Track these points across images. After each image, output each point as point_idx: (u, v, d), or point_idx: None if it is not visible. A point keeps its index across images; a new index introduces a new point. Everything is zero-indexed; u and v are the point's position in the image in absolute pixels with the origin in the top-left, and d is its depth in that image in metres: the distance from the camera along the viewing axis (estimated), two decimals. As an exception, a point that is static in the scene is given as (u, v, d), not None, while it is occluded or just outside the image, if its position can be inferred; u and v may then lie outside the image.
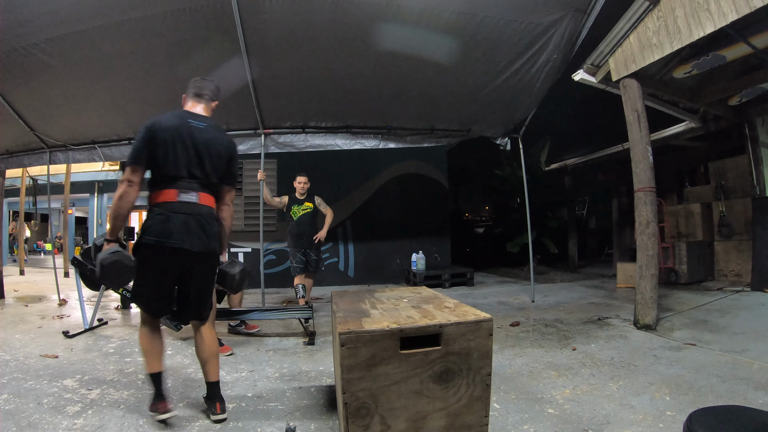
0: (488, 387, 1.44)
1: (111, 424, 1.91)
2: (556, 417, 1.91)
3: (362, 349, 1.34)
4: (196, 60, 3.71)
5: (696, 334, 3.14)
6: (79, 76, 3.91)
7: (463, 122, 4.93)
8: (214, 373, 1.98)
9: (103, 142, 4.78)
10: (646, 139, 3.54)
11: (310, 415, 2.00)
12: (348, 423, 1.34)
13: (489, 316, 1.47)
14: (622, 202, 8.15)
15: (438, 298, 1.87)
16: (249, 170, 6.66)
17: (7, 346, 3.18)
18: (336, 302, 1.88)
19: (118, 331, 3.74)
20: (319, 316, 4.09)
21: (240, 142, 4.63)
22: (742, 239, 5.34)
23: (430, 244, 7.03)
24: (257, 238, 5.04)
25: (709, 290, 4.88)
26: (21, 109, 4.45)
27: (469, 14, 3.41)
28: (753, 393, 2.06)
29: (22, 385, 2.37)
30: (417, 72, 4.02)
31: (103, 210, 14.82)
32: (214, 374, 1.97)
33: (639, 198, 3.50)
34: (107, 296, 5.20)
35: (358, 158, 6.56)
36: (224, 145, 2.04)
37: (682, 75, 4.19)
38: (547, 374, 2.47)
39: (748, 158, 5.24)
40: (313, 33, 3.55)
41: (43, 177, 8.83)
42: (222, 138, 2.06)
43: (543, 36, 3.67)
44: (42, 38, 3.45)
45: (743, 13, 2.61)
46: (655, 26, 3.29)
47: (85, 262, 3.68)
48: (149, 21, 3.31)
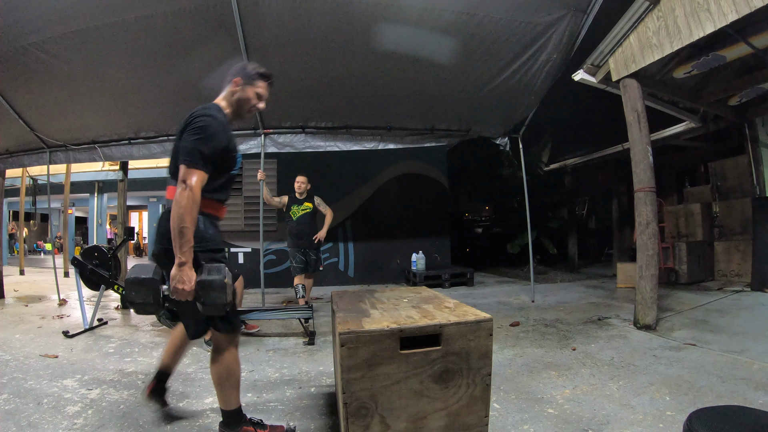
0: (488, 387, 1.44)
1: (111, 424, 1.91)
2: (556, 417, 1.91)
3: (362, 349, 1.34)
4: (196, 60, 3.71)
5: (696, 334, 3.14)
6: (79, 76, 3.91)
7: (463, 122, 4.93)
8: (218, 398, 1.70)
9: (103, 142, 4.78)
10: (646, 139, 3.53)
11: (310, 415, 2.00)
12: (348, 423, 1.34)
13: (489, 316, 1.47)
14: (622, 202, 8.15)
15: (438, 298, 1.87)
16: (249, 170, 6.66)
17: (7, 346, 3.18)
18: (336, 302, 1.88)
19: (118, 331, 3.74)
20: (319, 316, 4.09)
21: (240, 142, 4.64)
22: (742, 239, 5.34)
23: (430, 244, 7.03)
24: (257, 238, 5.04)
25: (709, 290, 4.88)
26: (21, 109, 4.45)
27: (468, 14, 3.41)
28: (753, 393, 2.06)
29: (22, 385, 2.37)
30: (417, 72, 4.02)
31: (103, 210, 14.82)
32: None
33: (639, 198, 3.50)
34: (107, 296, 5.20)
35: (358, 158, 6.57)
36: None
37: (682, 75, 4.19)
38: (547, 374, 2.47)
39: (747, 158, 5.25)
40: (313, 33, 3.56)
41: (43, 177, 8.84)
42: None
43: (542, 36, 3.67)
44: (42, 38, 3.45)
45: (743, 13, 2.62)
46: (655, 26, 3.29)
47: (85, 262, 3.69)
48: (149, 21, 3.31)
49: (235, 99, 1.74)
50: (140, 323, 4.00)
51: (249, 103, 1.77)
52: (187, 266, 1.43)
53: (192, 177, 1.45)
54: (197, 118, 1.55)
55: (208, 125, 1.53)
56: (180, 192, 1.43)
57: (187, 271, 1.43)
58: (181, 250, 1.41)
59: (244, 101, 1.75)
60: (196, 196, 1.45)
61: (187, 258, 1.43)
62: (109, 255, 3.75)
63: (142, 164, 10.39)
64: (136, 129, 4.65)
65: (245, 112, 1.78)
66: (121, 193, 5.53)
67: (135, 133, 4.68)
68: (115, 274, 3.80)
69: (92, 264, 3.69)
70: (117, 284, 3.70)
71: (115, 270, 3.83)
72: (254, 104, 1.78)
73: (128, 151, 4.79)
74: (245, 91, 1.74)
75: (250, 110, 1.79)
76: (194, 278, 1.44)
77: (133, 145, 4.74)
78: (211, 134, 1.53)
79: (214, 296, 1.43)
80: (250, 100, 1.76)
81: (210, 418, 1.97)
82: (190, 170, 1.46)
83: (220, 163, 1.58)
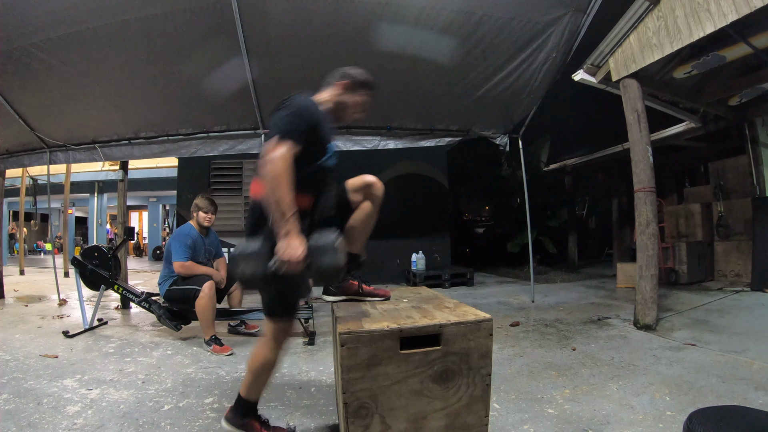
0: (488, 387, 1.44)
1: (111, 424, 1.91)
2: (556, 417, 1.91)
3: (362, 349, 1.34)
4: (196, 60, 3.71)
5: (696, 334, 3.14)
6: (79, 76, 3.91)
7: (462, 122, 4.93)
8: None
9: (103, 141, 4.77)
10: (646, 139, 3.54)
11: (310, 415, 2.00)
12: (348, 423, 1.34)
13: (489, 316, 1.47)
14: (622, 202, 8.15)
15: (438, 298, 1.87)
16: (249, 170, 6.67)
17: (7, 346, 3.18)
18: (336, 302, 1.88)
19: (118, 331, 3.74)
20: (319, 316, 4.09)
21: (240, 142, 4.64)
22: (742, 239, 5.34)
23: (430, 244, 7.02)
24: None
25: (709, 290, 4.88)
26: (21, 109, 4.44)
27: (467, 13, 3.41)
28: (753, 393, 2.06)
29: (22, 385, 2.37)
30: (416, 71, 4.03)
31: (103, 210, 14.83)
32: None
33: (639, 198, 3.50)
34: (107, 296, 5.19)
35: (358, 158, 6.55)
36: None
37: (682, 75, 4.19)
38: (547, 374, 2.47)
39: (748, 158, 5.24)
40: (313, 33, 3.56)
41: (43, 177, 8.83)
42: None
43: (541, 35, 3.68)
44: (42, 38, 3.45)
45: (743, 13, 2.62)
46: (655, 26, 3.29)
47: (85, 262, 3.69)
48: (149, 21, 3.31)
49: (337, 101, 1.73)
50: (140, 323, 4.00)
51: (348, 110, 1.76)
52: (293, 234, 1.37)
53: (282, 147, 1.39)
54: (289, 99, 1.56)
55: (299, 102, 1.54)
56: (270, 163, 1.37)
57: (294, 239, 1.37)
58: (284, 219, 1.36)
59: (345, 106, 1.75)
60: (288, 163, 1.38)
61: (292, 226, 1.37)
62: (109, 255, 3.75)
63: (142, 164, 10.42)
64: (136, 129, 4.65)
65: (343, 117, 1.77)
66: (121, 193, 5.53)
67: (135, 133, 4.68)
68: (115, 274, 3.80)
69: (92, 264, 3.69)
70: (117, 284, 3.70)
71: (115, 270, 3.83)
72: (353, 112, 1.78)
73: (128, 151, 4.79)
74: (349, 97, 1.74)
75: (348, 117, 1.78)
76: (303, 246, 1.38)
77: (133, 145, 4.74)
78: (302, 110, 1.52)
79: (327, 260, 1.37)
80: (351, 108, 1.76)
81: (210, 418, 1.97)
82: (281, 141, 1.41)
83: (311, 144, 1.52)
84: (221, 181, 6.76)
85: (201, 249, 3.37)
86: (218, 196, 6.05)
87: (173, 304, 3.31)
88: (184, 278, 3.20)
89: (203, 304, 3.05)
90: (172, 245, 3.27)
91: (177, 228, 4.03)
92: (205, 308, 3.06)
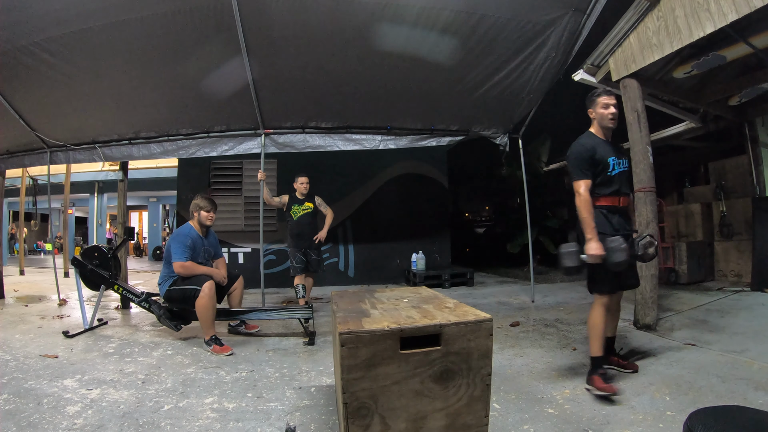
0: (488, 387, 1.44)
1: (111, 424, 1.91)
2: (556, 417, 1.91)
3: (362, 349, 1.34)
4: (196, 60, 3.71)
5: (696, 334, 3.14)
6: (79, 76, 3.91)
7: (462, 122, 4.93)
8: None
9: (103, 142, 4.77)
10: (646, 139, 3.53)
11: (310, 415, 2.00)
12: (348, 423, 1.34)
13: (489, 316, 1.47)
14: (622, 202, 8.11)
15: (438, 298, 1.87)
16: (249, 170, 6.66)
17: (7, 346, 3.19)
18: (336, 302, 1.88)
19: (118, 331, 3.74)
20: (319, 316, 4.09)
21: (240, 142, 4.64)
22: (742, 239, 5.33)
23: (430, 244, 7.02)
24: (257, 239, 5.03)
25: (709, 290, 4.88)
26: (21, 109, 4.44)
27: (467, 13, 3.41)
28: (753, 393, 2.06)
29: (22, 385, 2.37)
30: (416, 71, 4.02)
31: (103, 210, 14.82)
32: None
33: (639, 198, 3.50)
34: (107, 296, 5.19)
35: (358, 158, 6.55)
36: None
37: (682, 75, 4.18)
38: (547, 374, 2.47)
39: (748, 158, 5.24)
40: (313, 33, 3.55)
41: (43, 177, 8.82)
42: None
43: (541, 35, 3.68)
44: (42, 38, 3.45)
45: (743, 13, 2.61)
46: (655, 26, 3.29)
47: (85, 262, 3.69)
48: (149, 21, 3.31)
49: (596, 122, 2.40)
50: (140, 323, 4.00)
51: (605, 118, 2.35)
52: (593, 241, 2.14)
53: (578, 186, 2.24)
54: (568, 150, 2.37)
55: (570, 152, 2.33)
56: (577, 197, 2.24)
57: (593, 244, 2.14)
58: (586, 231, 2.18)
59: (601, 118, 2.36)
60: (584, 197, 2.21)
61: (592, 236, 2.15)
62: (109, 255, 3.75)
63: (142, 164, 10.40)
64: (136, 129, 4.65)
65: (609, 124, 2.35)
66: (121, 193, 5.53)
67: (135, 134, 4.68)
68: (115, 274, 3.80)
69: (92, 264, 3.69)
70: (117, 284, 3.70)
71: (115, 270, 3.83)
72: (606, 115, 2.34)
73: (128, 151, 4.79)
74: (596, 112, 2.38)
75: (609, 121, 2.34)
76: (600, 247, 2.12)
77: (133, 145, 4.74)
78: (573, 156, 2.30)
79: (615, 256, 2.11)
80: (602, 115, 2.35)
81: (210, 418, 1.97)
82: (575, 182, 2.26)
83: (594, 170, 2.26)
84: (221, 182, 6.76)
85: (200, 249, 3.37)
86: (218, 196, 6.06)
87: (173, 304, 3.31)
88: (184, 278, 3.20)
89: (203, 304, 3.05)
90: (171, 245, 3.27)
91: (177, 228, 4.03)
92: (205, 308, 3.06)
